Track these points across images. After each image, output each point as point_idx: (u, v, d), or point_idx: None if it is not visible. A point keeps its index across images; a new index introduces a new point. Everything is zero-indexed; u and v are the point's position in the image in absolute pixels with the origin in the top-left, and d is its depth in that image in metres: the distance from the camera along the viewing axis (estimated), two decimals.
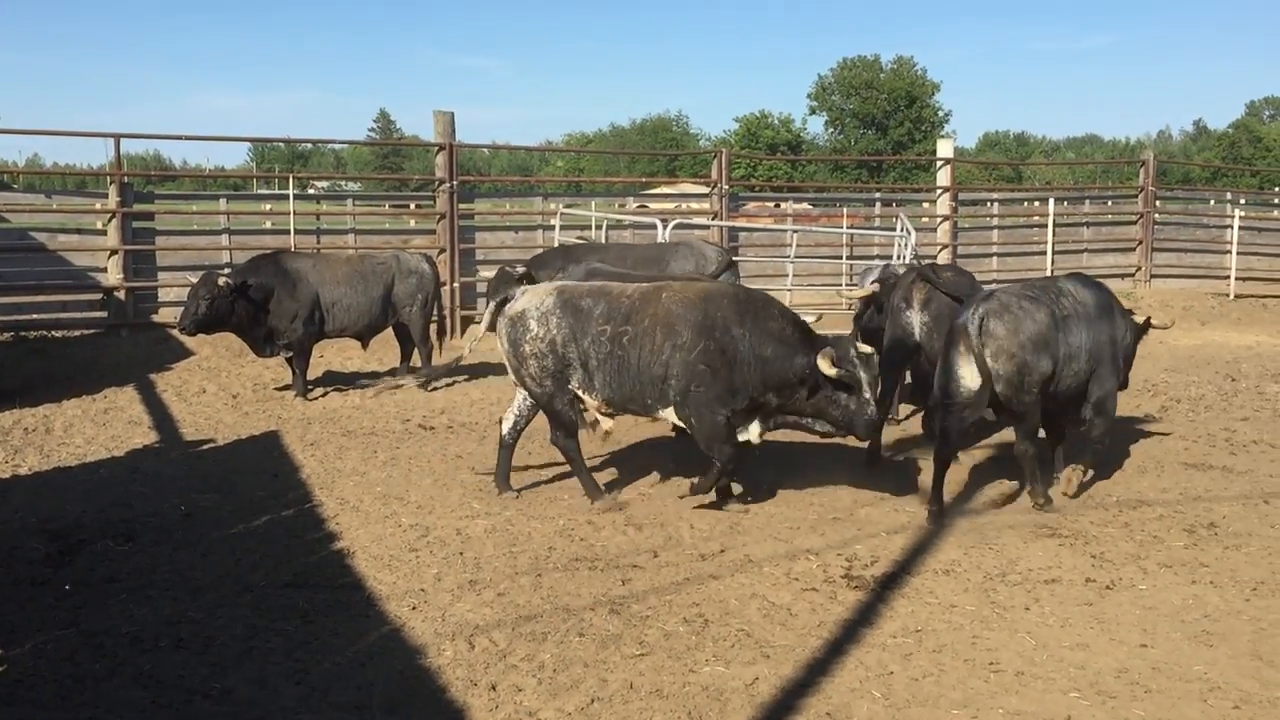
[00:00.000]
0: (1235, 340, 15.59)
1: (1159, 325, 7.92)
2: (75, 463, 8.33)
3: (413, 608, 5.33)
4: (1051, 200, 19.68)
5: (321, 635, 4.99)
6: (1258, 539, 6.48)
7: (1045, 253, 18.99)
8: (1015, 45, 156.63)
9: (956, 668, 4.70)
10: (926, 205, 19.53)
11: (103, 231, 13.85)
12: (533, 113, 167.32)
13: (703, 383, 6.70)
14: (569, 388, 7.04)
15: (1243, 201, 22.67)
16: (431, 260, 12.08)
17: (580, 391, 7.05)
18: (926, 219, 18.67)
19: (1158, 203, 20.25)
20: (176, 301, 12.86)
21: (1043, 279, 7.50)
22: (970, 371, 6.80)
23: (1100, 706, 4.35)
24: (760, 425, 6.96)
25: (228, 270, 11.46)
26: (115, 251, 13.59)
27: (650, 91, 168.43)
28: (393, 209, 19.14)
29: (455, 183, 15.17)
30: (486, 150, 58.91)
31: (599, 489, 7.21)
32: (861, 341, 7.25)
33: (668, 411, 6.95)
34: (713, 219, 16.82)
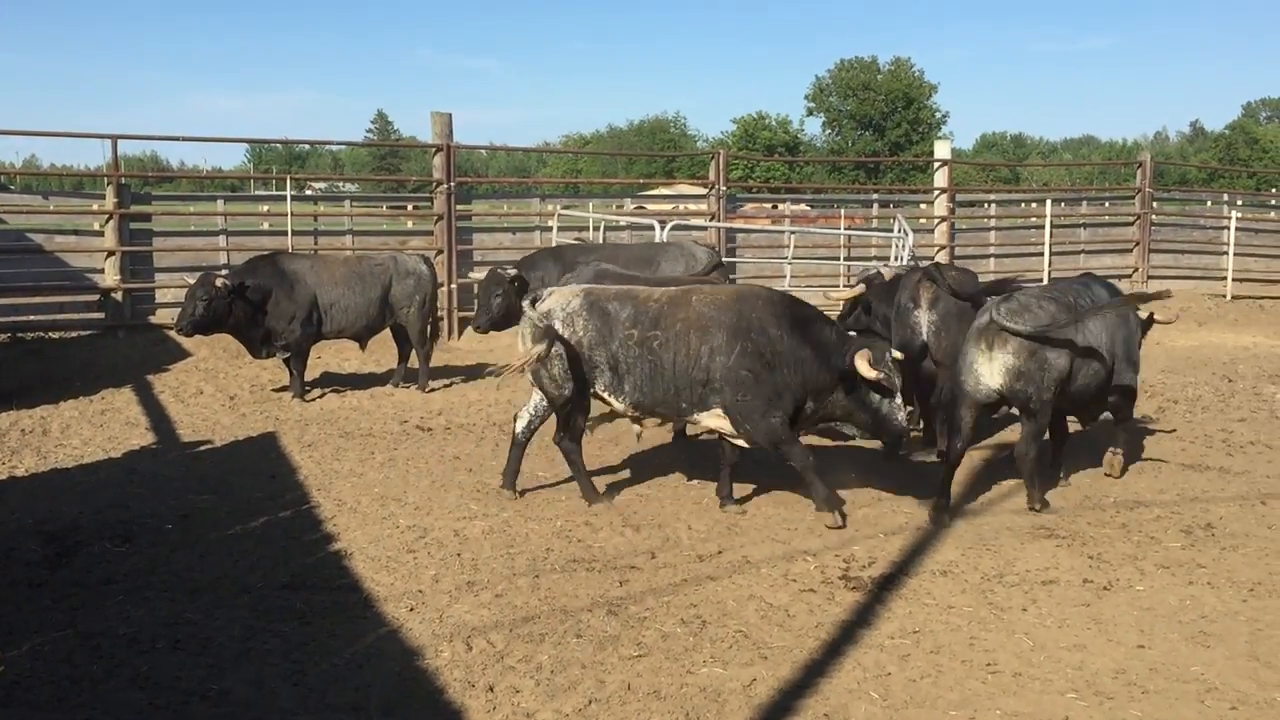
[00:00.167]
0: (1232, 341, 15.62)
1: (1162, 321, 7.97)
2: (72, 464, 8.32)
3: (410, 609, 5.33)
4: (1049, 201, 19.70)
5: (319, 636, 4.99)
6: (1255, 540, 6.49)
7: (1042, 254, 19.01)
8: (1012, 47, 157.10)
9: (954, 669, 4.70)
10: (924, 206, 19.53)
11: (100, 233, 13.84)
12: (530, 114, 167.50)
13: (748, 389, 6.60)
14: (590, 391, 6.98)
15: (1239, 203, 22.70)
16: (429, 261, 12.07)
17: (607, 394, 6.97)
18: (924, 220, 18.67)
19: (1155, 204, 20.28)
20: (174, 303, 12.87)
21: (1061, 282, 7.67)
22: (989, 369, 6.88)
23: (1098, 707, 4.36)
24: (798, 431, 6.86)
25: (225, 271, 11.45)
26: (112, 253, 13.58)
27: (648, 93, 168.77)
28: (390, 210, 19.10)
29: (453, 184, 15.17)
30: (484, 151, 58.87)
31: (596, 492, 7.21)
32: None
33: (703, 416, 6.84)
34: (710, 220, 16.83)
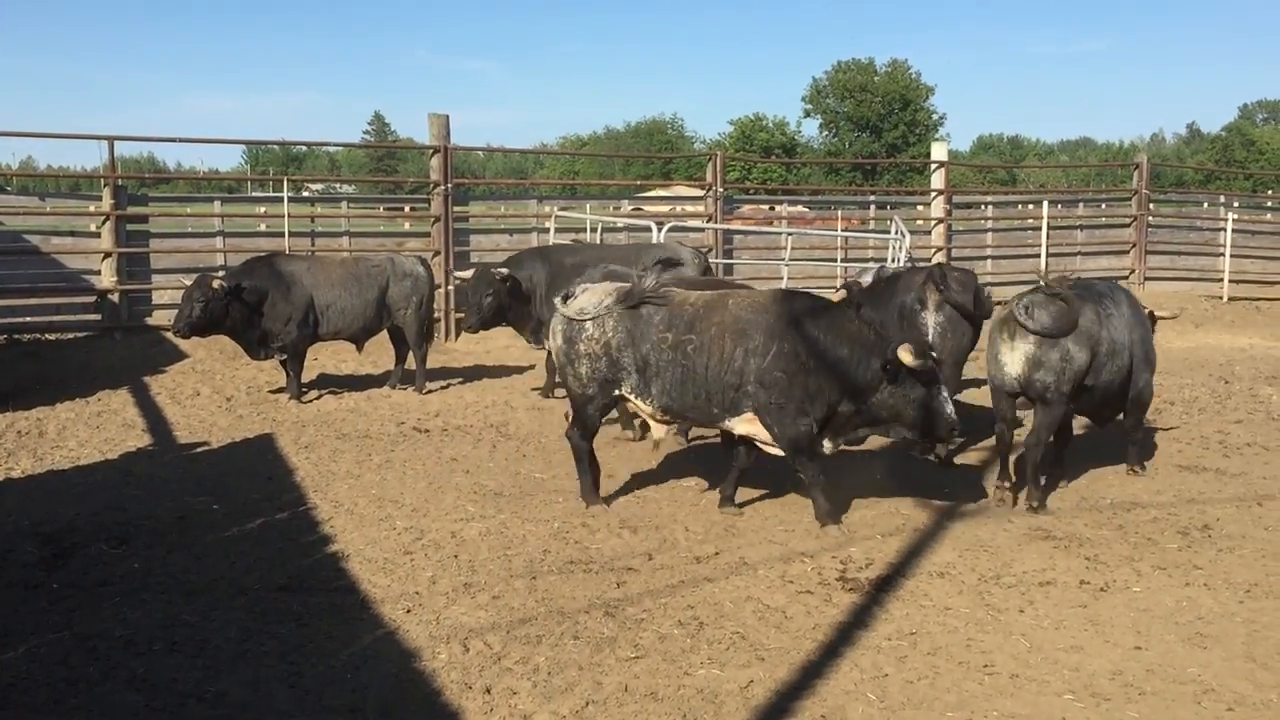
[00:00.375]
0: (1229, 343, 15.63)
1: (1165, 316, 8.28)
2: (69, 466, 8.31)
3: (407, 611, 5.33)
4: (1046, 203, 19.72)
5: (316, 638, 4.98)
6: (1251, 541, 6.50)
7: (1039, 255, 19.02)
8: (1009, 49, 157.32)
9: (951, 670, 4.70)
10: (921, 208, 19.54)
11: (96, 234, 13.83)
12: (527, 115, 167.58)
13: (781, 391, 6.51)
14: (614, 393, 6.91)
15: (1236, 204, 22.72)
16: (426, 263, 12.07)
17: (634, 397, 6.89)
18: (921, 222, 18.69)
19: (1151, 206, 20.30)
20: (171, 304, 12.86)
21: (1083, 281, 7.93)
22: (1010, 358, 7.10)
23: (1095, 709, 4.36)
24: (832, 441, 6.74)
25: (222, 273, 11.43)
26: (109, 254, 13.56)
27: (645, 94, 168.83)
28: (387, 211, 19.08)
29: (450, 185, 15.16)
30: (481, 153, 58.83)
31: (596, 494, 7.18)
32: None
33: (734, 421, 6.72)
34: (707, 222, 16.83)
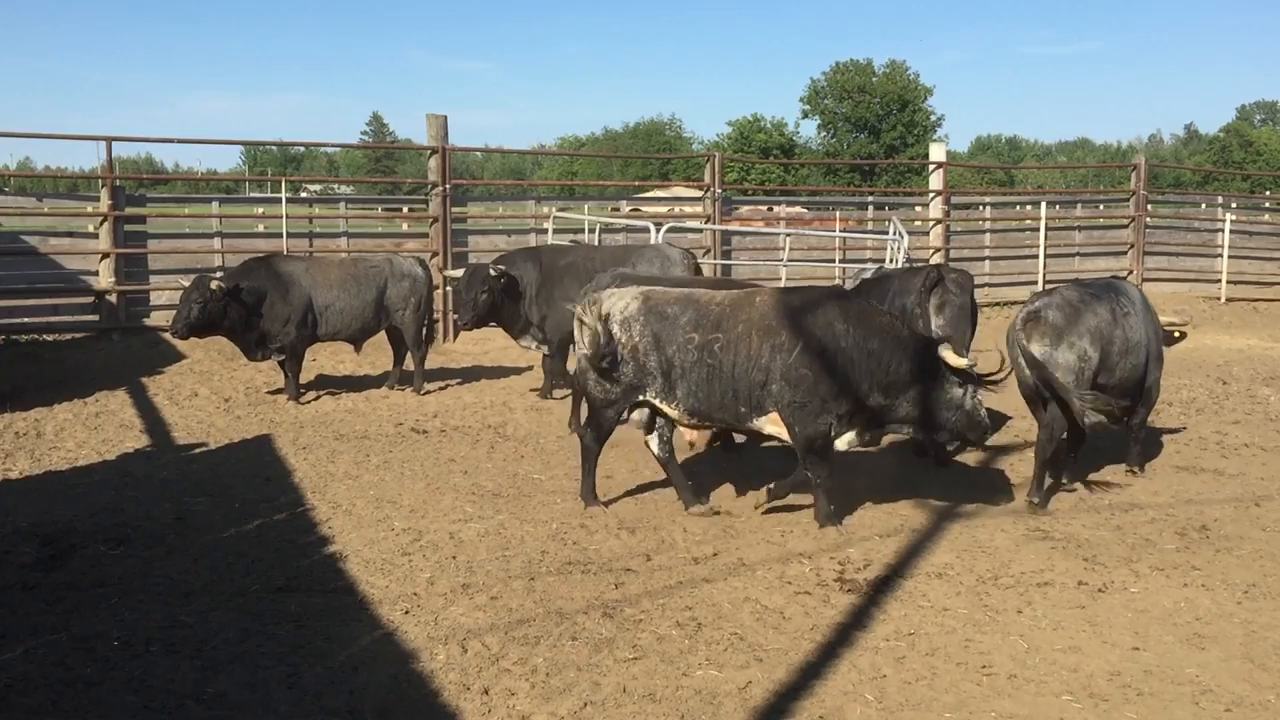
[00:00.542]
0: (1226, 344, 15.64)
1: (1177, 323, 8.43)
2: (66, 467, 8.30)
3: (405, 612, 5.32)
4: (1043, 204, 19.74)
5: (314, 640, 4.98)
6: (1249, 542, 6.50)
7: (1037, 256, 19.04)
8: (1007, 49, 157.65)
9: (949, 671, 4.70)
10: (919, 209, 19.55)
11: (94, 235, 13.82)
12: (526, 116, 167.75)
13: (805, 389, 6.43)
14: (637, 398, 6.82)
15: (1234, 205, 22.76)
16: (425, 264, 12.06)
17: (658, 401, 6.80)
18: (919, 222, 18.70)
19: (1149, 207, 20.31)
20: (168, 305, 12.84)
21: (1099, 280, 8.17)
22: (1029, 359, 7.19)
23: (1092, 709, 4.36)
24: (856, 435, 6.68)
25: (220, 274, 11.43)
26: (107, 255, 13.55)
27: (643, 95, 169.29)
28: (386, 212, 19.08)
29: (448, 186, 15.15)
30: (480, 154, 58.88)
31: (595, 496, 7.17)
32: None
33: (762, 421, 6.63)
34: (706, 223, 16.83)
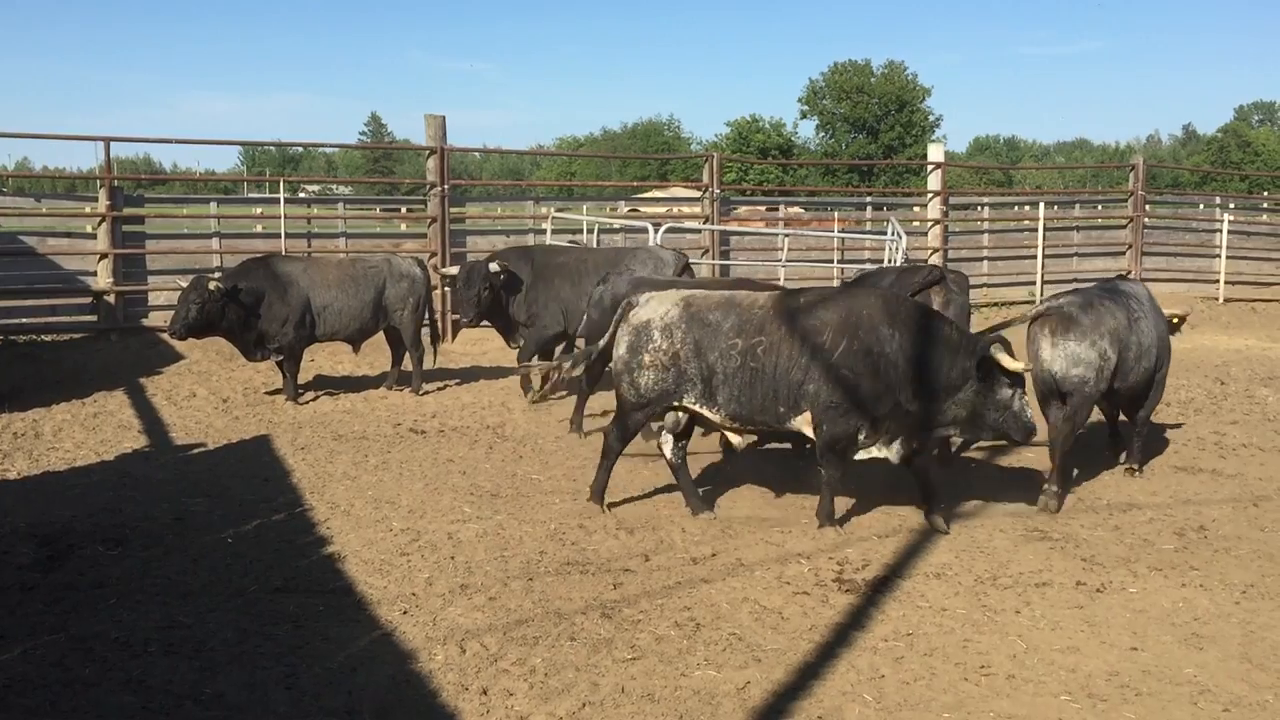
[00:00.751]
0: (1224, 344, 15.65)
1: (1178, 314, 8.74)
2: (65, 467, 8.29)
3: (404, 612, 5.32)
4: (1042, 204, 19.74)
5: (312, 640, 4.97)
6: (1247, 542, 6.51)
7: (1035, 256, 19.04)
8: (1005, 50, 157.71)
9: (948, 671, 4.70)
10: (917, 209, 19.56)
11: (92, 235, 13.80)
12: (524, 116, 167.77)
13: (844, 390, 6.39)
14: (671, 404, 6.77)
15: (1232, 206, 22.77)
16: (423, 264, 12.05)
17: (697, 407, 6.75)
18: (917, 223, 18.70)
19: (1147, 207, 20.33)
20: (167, 305, 12.83)
21: (1107, 282, 8.36)
22: (1051, 354, 7.34)
23: (1091, 709, 4.37)
24: (902, 444, 6.63)
25: (218, 274, 11.42)
26: (105, 255, 13.53)
27: (642, 95, 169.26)
28: (384, 213, 19.05)
29: (446, 186, 15.14)
30: (478, 154, 58.83)
31: (602, 497, 7.11)
32: None
33: (799, 421, 6.59)
34: (704, 223, 16.83)
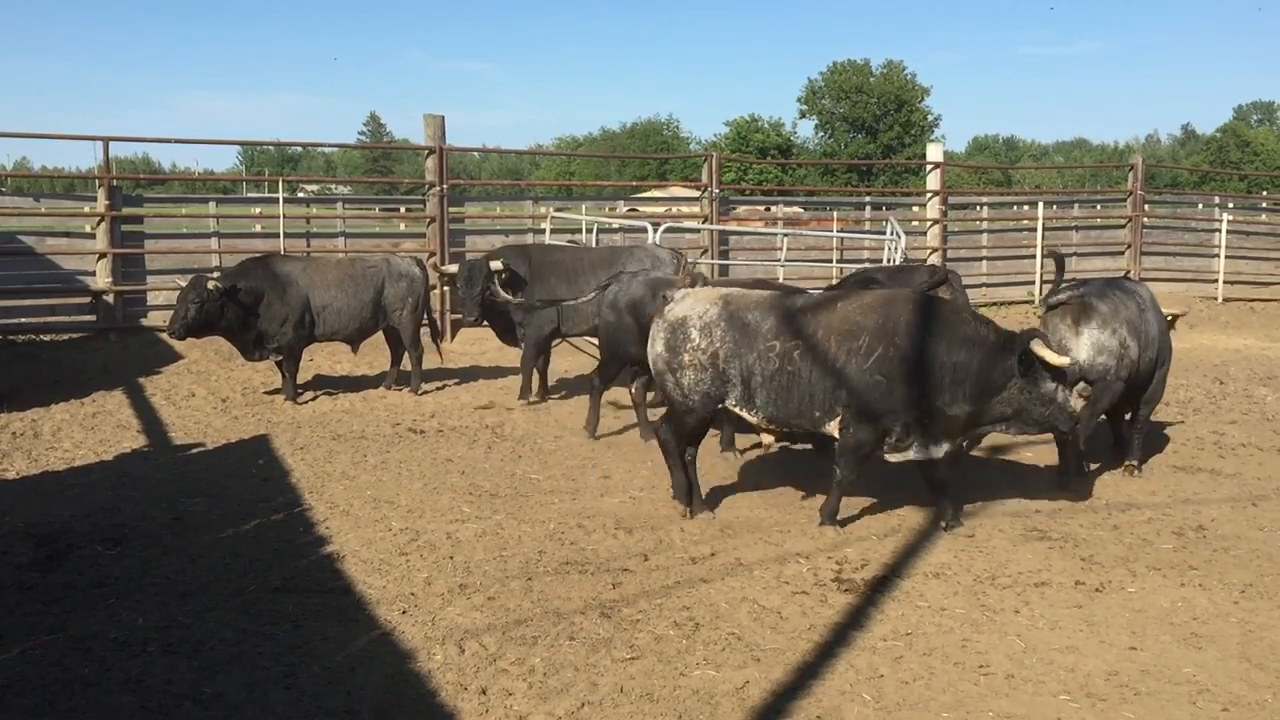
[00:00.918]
0: (1223, 344, 15.65)
1: (1176, 313, 8.89)
2: (63, 467, 8.29)
3: (402, 612, 5.32)
4: (1041, 204, 19.74)
5: (311, 640, 4.97)
6: (1246, 542, 6.51)
7: (1034, 256, 19.04)
8: (1004, 50, 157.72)
9: (946, 671, 4.71)
10: (916, 209, 19.56)
11: (91, 235, 13.79)
12: (523, 116, 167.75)
13: (877, 395, 6.34)
14: (718, 406, 6.72)
15: (1231, 205, 22.76)
16: (422, 264, 12.05)
17: (737, 408, 6.70)
18: (916, 223, 18.70)
19: (1146, 207, 20.34)
20: (166, 305, 12.83)
21: (1110, 280, 8.51)
22: (1075, 344, 7.45)
23: (1090, 709, 4.37)
24: (950, 442, 6.56)
25: (217, 274, 11.42)
26: (104, 255, 13.53)
27: (641, 95, 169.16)
28: (383, 212, 19.04)
29: (445, 186, 15.14)
30: (477, 154, 58.82)
31: (688, 495, 6.99)
32: None
33: (832, 425, 6.53)
34: (703, 223, 16.83)
